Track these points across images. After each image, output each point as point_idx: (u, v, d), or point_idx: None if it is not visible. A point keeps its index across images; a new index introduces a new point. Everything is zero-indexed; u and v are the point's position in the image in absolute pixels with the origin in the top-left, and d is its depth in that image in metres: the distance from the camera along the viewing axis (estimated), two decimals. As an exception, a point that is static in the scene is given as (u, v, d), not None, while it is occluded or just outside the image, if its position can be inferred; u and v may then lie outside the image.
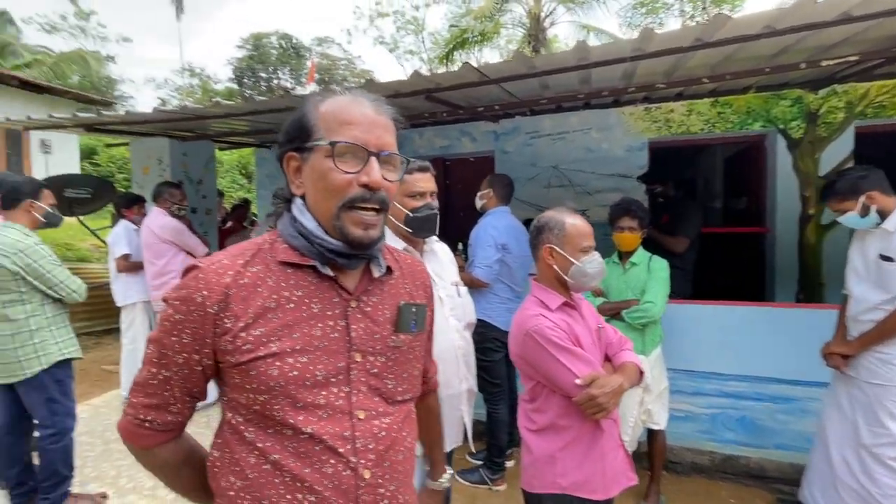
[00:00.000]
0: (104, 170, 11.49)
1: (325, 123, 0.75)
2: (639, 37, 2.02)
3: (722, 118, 3.80)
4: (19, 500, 2.43)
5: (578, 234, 1.42)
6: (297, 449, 0.72)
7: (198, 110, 3.12)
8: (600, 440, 1.38)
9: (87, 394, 4.10)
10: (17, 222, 2.34)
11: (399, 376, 0.82)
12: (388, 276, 0.86)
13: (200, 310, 0.73)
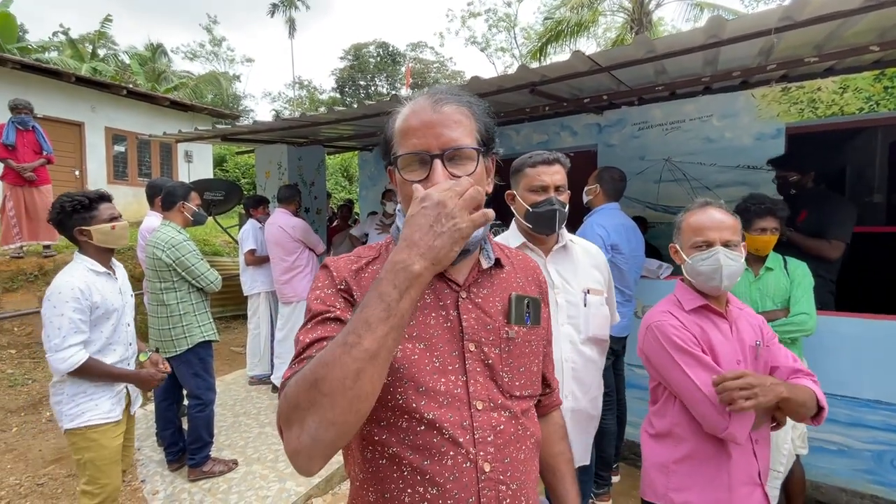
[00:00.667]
0: (232, 175, 13.15)
1: (396, 138, 0.79)
2: (791, 2, 1.72)
3: (890, 94, 3.14)
4: (172, 457, 2.87)
5: (690, 229, 1.29)
6: (414, 441, 0.73)
7: (314, 117, 3.37)
8: (727, 467, 1.22)
9: (218, 371, 4.68)
10: (173, 221, 2.75)
11: (515, 370, 0.81)
12: (499, 269, 0.87)
13: (334, 287, 0.80)
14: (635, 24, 12.60)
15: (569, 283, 1.48)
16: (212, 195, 5.29)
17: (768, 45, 2.31)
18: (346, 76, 28.22)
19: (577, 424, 1.50)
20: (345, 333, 0.61)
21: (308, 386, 0.61)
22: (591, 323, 1.47)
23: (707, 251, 1.25)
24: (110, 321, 1.92)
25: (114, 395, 1.92)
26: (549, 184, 1.43)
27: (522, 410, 0.82)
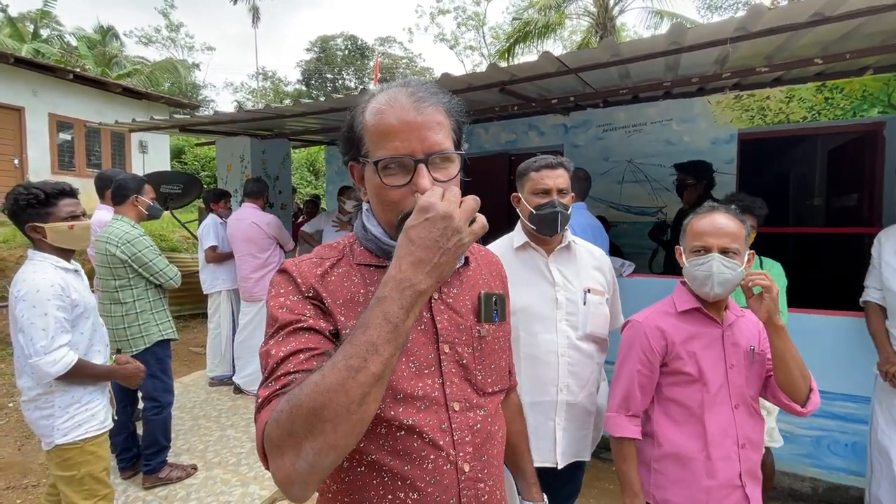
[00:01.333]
0: (190, 167, 12.57)
1: (369, 135, 0.73)
2: (745, 15, 1.82)
3: (830, 104, 3.38)
4: (126, 464, 2.72)
5: (691, 233, 1.29)
6: (394, 447, 0.71)
7: (279, 109, 3.27)
8: (705, 468, 1.24)
9: (176, 372, 4.48)
10: (125, 216, 2.59)
11: (487, 367, 0.82)
12: (466, 266, 0.87)
13: (300, 294, 0.74)
14: (599, 28, 12.96)
15: (570, 281, 1.52)
16: (169, 188, 5.03)
17: (724, 53, 2.43)
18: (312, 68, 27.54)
19: (575, 419, 1.52)
20: (346, 356, 0.57)
21: (307, 412, 0.55)
22: (589, 321, 1.49)
23: (703, 257, 1.25)
24: (90, 320, 1.79)
25: (106, 401, 1.82)
26: (552, 187, 1.46)
27: (494, 406, 0.83)
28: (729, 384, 1.27)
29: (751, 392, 1.28)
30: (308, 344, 0.67)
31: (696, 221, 1.29)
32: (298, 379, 0.62)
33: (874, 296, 2.13)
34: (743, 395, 1.27)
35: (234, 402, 3.83)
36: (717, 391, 1.26)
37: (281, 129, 4.37)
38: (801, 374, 1.17)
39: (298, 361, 0.65)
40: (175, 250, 7.42)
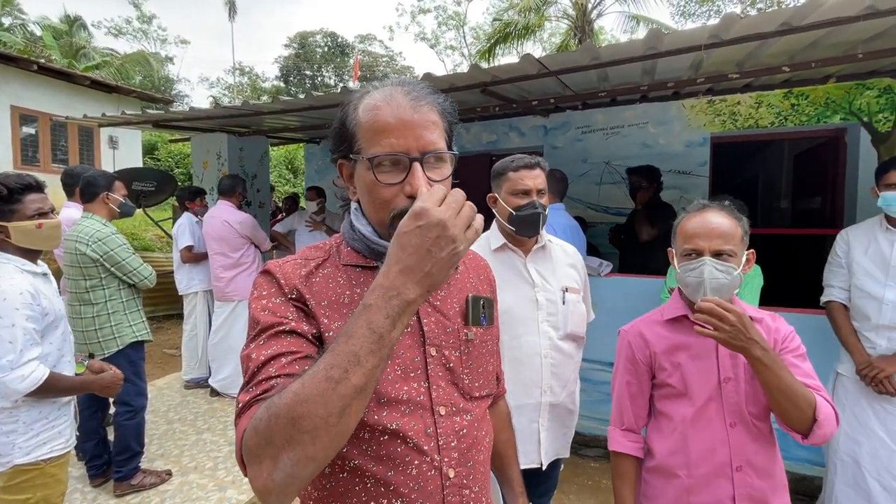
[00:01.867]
0: (164, 164, 12.20)
1: (363, 132, 0.72)
2: (719, 22, 1.89)
3: (796, 111, 3.52)
4: (96, 471, 2.62)
5: (682, 235, 1.17)
6: (377, 452, 0.70)
7: (257, 105, 3.21)
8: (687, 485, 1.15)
9: (150, 375, 4.35)
10: (96, 213, 2.50)
11: (474, 371, 0.81)
12: (454, 269, 0.85)
13: (283, 296, 0.72)
14: (578, 31, 13.16)
15: (548, 281, 1.51)
16: (141, 185, 4.87)
17: (698, 59, 2.51)
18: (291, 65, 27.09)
19: (557, 419, 1.52)
20: (327, 366, 0.54)
21: (285, 423, 0.54)
22: (569, 320, 1.49)
23: (694, 261, 1.12)
24: (59, 329, 1.64)
25: (71, 417, 1.67)
26: (531, 187, 1.44)
27: (481, 411, 0.82)
28: (722, 399, 1.13)
29: (753, 410, 1.12)
30: (290, 347, 0.66)
31: (687, 222, 1.17)
32: (279, 384, 0.61)
33: (840, 296, 2.10)
34: (740, 413, 1.12)
35: (211, 404, 3.75)
36: (704, 405, 1.15)
37: (259, 126, 4.29)
38: (791, 404, 1.03)
39: (280, 366, 0.63)
40: (148, 249, 7.21)
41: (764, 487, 1.11)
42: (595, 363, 3.01)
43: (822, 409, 1.04)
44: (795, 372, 1.07)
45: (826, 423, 1.04)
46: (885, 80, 3.20)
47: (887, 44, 2.27)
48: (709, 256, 1.11)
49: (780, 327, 1.17)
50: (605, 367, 2.98)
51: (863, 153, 3.37)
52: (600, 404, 2.97)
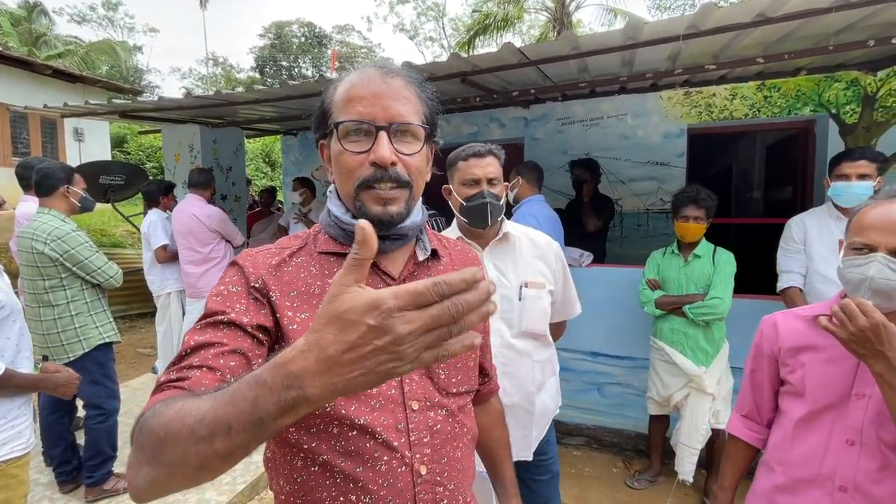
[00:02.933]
0: (134, 158, 11.76)
1: (335, 106, 0.72)
2: (697, 13, 1.90)
3: (768, 102, 3.60)
4: (64, 478, 2.52)
5: (856, 227, 1.01)
6: (345, 447, 0.68)
7: (230, 95, 3.11)
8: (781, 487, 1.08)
9: (123, 376, 4.21)
10: (54, 209, 2.35)
11: (451, 366, 0.78)
12: (436, 261, 0.83)
13: (244, 286, 0.71)
14: (557, 23, 13.20)
15: (505, 276, 1.46)
16: (110, 179, 4.67)
17: (676, 51, 2.53)
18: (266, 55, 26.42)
19: (513, 419, 1.47)
20: (198, 419, 0.47)
21: (152, 443, 0.50)
22: (524, 317, 1.43)
23: (863, 257, 0.97)
24: (17, 324, 1.58)
25: (31, 418, 1.62)
26: (480, 176, 1.40)
27: (459, 407, 0.79)
28: (847, 412, 1.00)
29: (886, 437, 0.96)
30: (221, 339, 0.64)
31: (867, 212, 1.00)
32: (196, 377, 0.59)
33: (799, 281, 2.13)
34: (866, 434, 0.98)
35: (188, 404, 3.65)
36: (820, 411, 1.03)
37: (233, 117, 4.16)
38: None
39: (203, 357, 0.62)
40: (118, 246, 6.95)
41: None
42: (576, 353, 3.04)
43: None
44: None
45: None
46: (853, 73, 3.29)
47: (855, 37, 2.33)
48: (883, 253, 0.95)
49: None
50: (586, 356, 3.02)
51: (831, 144, 3.47)
52: (582, 394, 3.01)
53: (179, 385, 0.59)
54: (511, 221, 1.54)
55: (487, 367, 1.00)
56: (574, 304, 1.62)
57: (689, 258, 2.34)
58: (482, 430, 0.93)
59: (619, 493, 2.51)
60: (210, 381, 0.60)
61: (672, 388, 2.38)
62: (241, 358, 0.64)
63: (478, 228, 1.44)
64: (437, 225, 2.47)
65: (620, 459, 2.86)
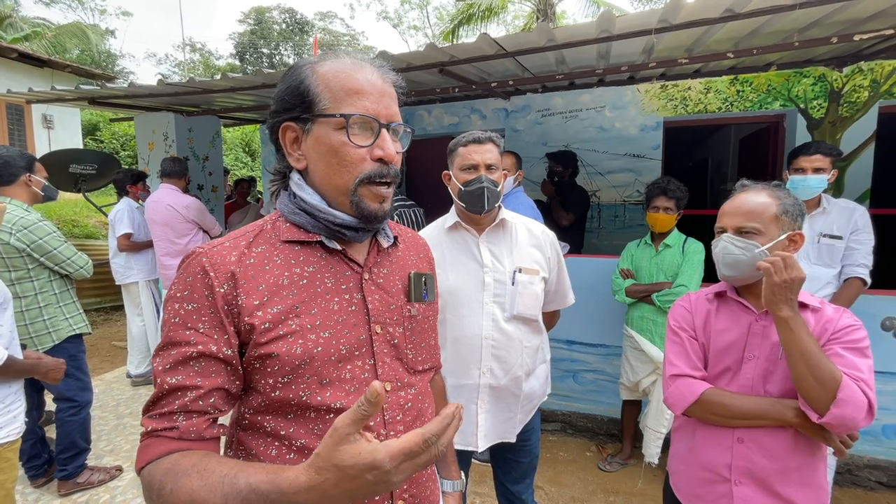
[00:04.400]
0: (107, 146, 11.39)
1: (331, 92, 0.71)
2: (666, 6, 1.93)
3: (741, 97, 3.69)
4: (35, 473, 2.48)
5: (720, 213, 1.20)
6: (323, 430, 0.70)
7: (205, 83, 3.04)
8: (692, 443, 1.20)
9: (97, 369, 4.14)
10: (15, 198, 2.27)
11: (418, 346, 0.83)
12: (395, 248, 0.87)
13: (211, 292, 0.67)
14: (540, 14, 13.17)
15: (500, 261, 1.47)
16: (80, 168, 4.54)
17: (650, 44, 2.57)
18: (246, 42, 25.74)
19: (500, 401, 1.48)
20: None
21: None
22: (517, 302, 1.44)
23: (720, 239, 1.17)
24: (8, 311, 1.59)
25: (24, 403, 1.67)
26: (479, 162, 1.41)
27: (424, 384, 0.84)
28: (740, 374, 1.14)
29: (770, 389, 1.11)
30: (195, 380, 0.65)
31: (725, 203, 1.21)
32: (182, 427, 0.64)
33: None
34: (754, 390, 1.13)
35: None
36: (719, 375, 1.17)
37: (209, 105, 4.07)
38: (811, 375, 1.00)
39: (183, 403, 0.64)
40: (91, 237, 6.77)
41: (767, 467, 1.10)
42: (553, 341, 3.07)
43: (846, 390, 0.98)
44: (837, 361, 1.03)
45: (845, 403, 0.98)
46: (820, 69, 3.39)
47: (820, 33, 2.40)
48: (729, 233, 1.15)
49: (838, 318, 1.11)
50: (562, 344, 3.08)
51: (799, 138, 3.58)
52: (557, 381, 3.08)
53: (170, 435, 0.64)
54: (508, 210, 1.56)
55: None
56: (568, 293, 1.64)
57: (659, 248, 2.41)
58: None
59: (592, 476, 2.60)
60: (198, 425, 0.65)
61: (640, 374, 2.46)
62: (220, 393, 0.67)
63: (475, 213, 1.45)
64: (414, 215, 2.47)
65: (594, 444, 2.94)
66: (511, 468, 1.62)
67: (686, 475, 1.23)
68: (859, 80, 3.40)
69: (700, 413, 1.15)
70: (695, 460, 1.20)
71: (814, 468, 1.11)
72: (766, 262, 1.06)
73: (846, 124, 3.48)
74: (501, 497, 1.69)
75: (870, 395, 1.01)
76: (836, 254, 2.16)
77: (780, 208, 1.12)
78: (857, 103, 3.43)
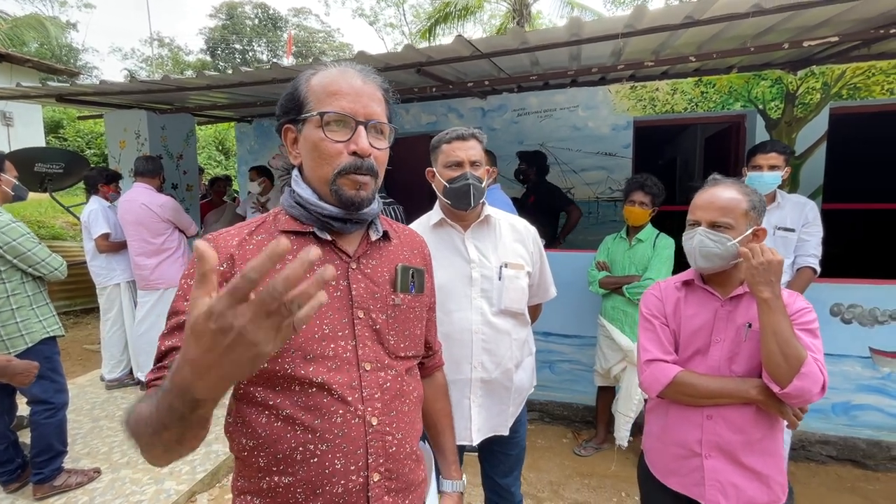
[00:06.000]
0: (72, 144, 10.96)
1: (315, 96, 0.80)
2: (631, 13, 2.04)
3: (705, 98, 3.87)
4: (8, 478, 2.43)
5: (690, 207, 1.27)
6: (306, 403, 0.77)
7: (180, 81, 3.01)
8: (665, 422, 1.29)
9: (70, 373, 4.03)
10: None
11: (400, 333, 0.88)
12: (387, 242, 0.93)
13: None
14: (516, 14, 13.32)
15: (486, 257, 1.49)
16: (46, 168, 4.39)
17: (618, 47, 2.69)
18: (217, 37, 25.08)
19: (492, 394, 1.50)
20: (145, 422, 0.60)
21: (129, 437, 0.64)
22: (504, 296, 1.46)
23: (691, 230, 1.23)
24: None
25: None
26: (463, 159, 1.41)
27: (407, 369, 0.90)
28: (708, 356, 1.23)
29: (736, 369, 1.20)
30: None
31: (697, 196, 1.27)
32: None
33: None
34: (720, 370, 1.22)
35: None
36: (690, 357, 1.25)
37: (183, 102, 4.01)
38: (780, 352, 1.09)
39: (173, 360, 0.68)
40: (58, 238, 6.54)
41: (733, 440, 1.18)
42: (530, 334, 3.20)
43: (809, 366, 1.08)
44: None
45: (806, 377, 1.08)
46: (777, 72, 3.60)
47: (773, 39, 2.56)
48: (703, 227, 1.20)
49: (791, 303, 1.20)
50: (538, 336, 3.18)
51: (759, 137, 3.78)
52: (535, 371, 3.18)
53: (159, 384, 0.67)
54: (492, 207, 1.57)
55: (432, 341, 1.09)
56: (550, 287, 1.68)
57: (633, 242, 2.53)
58: (427, 401, 1.03)
59: (568, 461, 2.71)
60: None
61: (611, 362, 2.58)
62: None
63: (461, 210, 1.45)
64: (394, 212, 2.52)
65: (570, 431, 3.07)
66: (499, 461, 1.65)
67: (660, 452, 1.31)
68: (812, 82, 3.62)
69: (673, 394, 1.23)
70: (668, 438, 1.28)
71: (773, 439, 1.21)
72: (744, 248, 1.15)
73: (801, 124, 3.70)
74: (489, 491, 1.70)
75: (825, 373, 1.11)
76: (789, 245, 2.32)
77: (749, 204, 1.20)
78: (811, 105, 3.66)
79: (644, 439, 1.41)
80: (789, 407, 1.15)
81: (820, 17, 2.32)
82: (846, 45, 2.73)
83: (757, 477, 1.19)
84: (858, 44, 2.75)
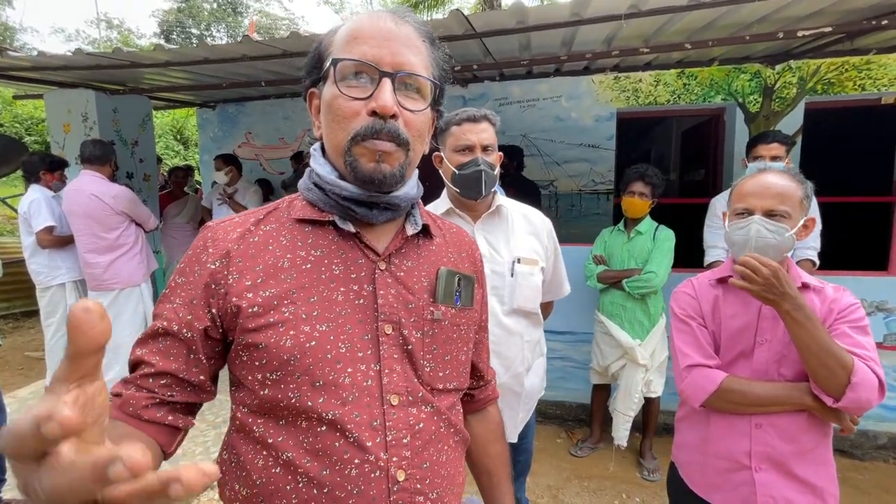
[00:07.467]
0: (8, 130, 9.99)
1: (335, 45, 0.63)
2: (639, -9, 1.94)
3: (687, 90, 3.87)
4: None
5: (737, 195, 1.14)
6: (313, 445, 0.59)
7: (134, 55, 2.69)
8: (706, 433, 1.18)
9: (9, 384, 3.62)
10: None
11: (440, 358, 0.68)
12: (428, 239, 0.74)
13: (201, 268, 0.64)
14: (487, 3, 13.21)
15: (497, 251, 1.37)
16: (-25, 154, 3.91)
17: (613, 32, 2.60)
18: (172, 20, 23.67)
19: (500, 400, 1.36)
20: None
21: None
22: (516, 294, 1.35)
23: (743, 220, 1.10)
24: None
25: None
26: (475, 143, 1.30)
27: (447, 406, 0.69)
28: (752, 359, 1.12)
29: (785, 372, 1.10)
30: (152, 358, 0.62)
31: (744, 183, 1.14)
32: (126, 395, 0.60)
33: (724, 255, 2.29)
34: (767, 374, 1.12)
35: (95, 411, 3.21)
36: (733, 360, 1.14)
37: (137, 82, 3.64)
38: (820, 363, 1.00)
39: (135, 376, 0.62)
40: (-8, 234, 5.92)
41: (785, 450, 1.09)
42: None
43: (859, 373, 0.98)
44: (843, 340, 1.03)
45: (860, 387, 0.98)
46: (756, 66, 3.63)
47: (767, 28, 2.54)
48: (759, 215, 1.08)
49: (840, 298, 1.11)
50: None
51: (738, 130, 3.83)
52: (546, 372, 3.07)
53: (114, 402, 0.60)
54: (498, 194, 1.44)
55: (484, 369, 0.88)
56: (563, 283, 1.57)
57: (631, 234, 2.45)
58: (477, 443, 0.84)
59: (565, 463, 2.63)
60: (138, 400, 0.60)
61: (610, 359, 2.51)
62: (171, 378, 0.62)
63: (470, 199, 1.33)
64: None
65: (563, 430, 2.99)
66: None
67: (701, 465, 1.19)
68: (788, 77, 3.68)
69: (719, 403, 1.11)
70: (711, 450, 1.17)
71: (826, 447, 1.12)
72: (737, 274, 1.05)
73: (778, 118, 3.76)
74: None
75: (879, 373, 1.01)
76: None
77: (803, 192, 1.09)
78: (787, 99, 3.72)
79: (676, 451, 1.29)
80: (845, 412, 1.06)
81: (814, 7, 2.30)
82: (836, 35, 2.76)
83: (811, 490, 1.09)
84: (842, 37, 2.79)
